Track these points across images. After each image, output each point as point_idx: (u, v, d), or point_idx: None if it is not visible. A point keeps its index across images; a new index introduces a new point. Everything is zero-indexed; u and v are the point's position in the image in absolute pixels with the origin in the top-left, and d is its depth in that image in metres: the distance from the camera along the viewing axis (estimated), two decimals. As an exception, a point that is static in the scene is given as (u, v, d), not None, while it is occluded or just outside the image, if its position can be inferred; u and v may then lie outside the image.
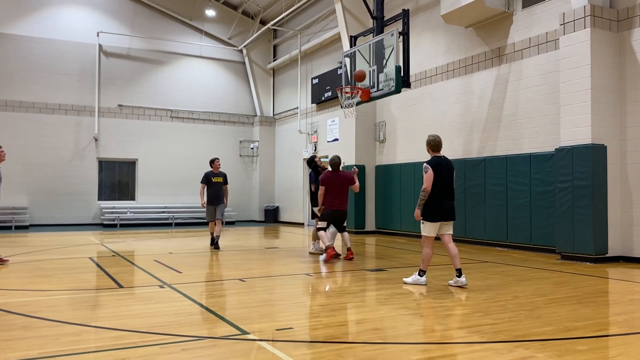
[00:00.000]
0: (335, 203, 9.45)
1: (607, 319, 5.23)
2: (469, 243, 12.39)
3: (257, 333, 4.50)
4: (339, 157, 9.67)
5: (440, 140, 7.07)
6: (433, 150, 7.02)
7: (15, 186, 18.25)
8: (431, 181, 6.72)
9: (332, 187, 9.43)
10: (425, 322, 5.05)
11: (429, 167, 6.78)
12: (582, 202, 9.30)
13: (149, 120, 20.64)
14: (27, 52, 18.74)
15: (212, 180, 11.40)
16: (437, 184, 6.77)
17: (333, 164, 9.56)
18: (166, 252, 10.87)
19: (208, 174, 11.49)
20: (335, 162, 9.56)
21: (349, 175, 9.61)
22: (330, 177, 9.49)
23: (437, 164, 6.84)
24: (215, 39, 22.06)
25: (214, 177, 11.43)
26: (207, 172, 11.55)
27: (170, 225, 19.89)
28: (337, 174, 9.53)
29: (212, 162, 11.62)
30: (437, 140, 7.03)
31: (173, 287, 6.75)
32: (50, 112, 19.03)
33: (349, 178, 9.56)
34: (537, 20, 11.09)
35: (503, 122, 11.79)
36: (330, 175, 9.52)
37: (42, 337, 4.40)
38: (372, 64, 10.74)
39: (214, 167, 11.53)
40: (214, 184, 11.38)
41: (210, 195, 11.40)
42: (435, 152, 7.02)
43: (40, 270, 8.29)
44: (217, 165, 11.55)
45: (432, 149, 7.02)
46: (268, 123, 22.63)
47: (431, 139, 7.04)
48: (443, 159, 6.96)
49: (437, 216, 6.81)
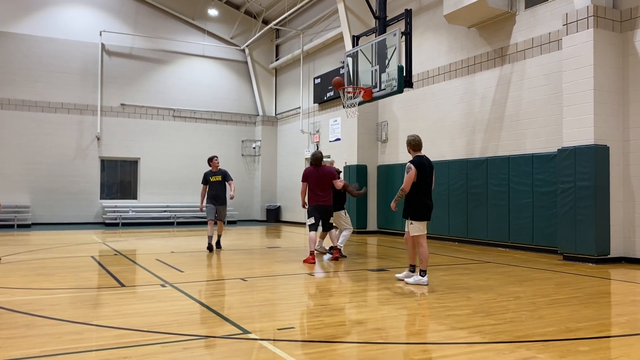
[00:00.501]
0: (317, 198, 9.22)
1: (609, 319, 5.22)
2: (471, 243, 12.37)
3: (258, 332, 4.50)
4: (320, 152, 9.53)
5: (421, 140, 7.18)
6: (414, 150, 7.13)
7: (17, 185, 18.30)
8: (412, 181, 6.86)
9: (314, 182, 9.24)
10: (427, 322, 5.04)
11: (412, 166, 6.89)
12: (585, 203, 9.29)
13: (151, 120, 20.67)
14: (30, 51, 18.78)
15: (211, 180, 10.98)
16: (421, 183, 6.91)
17: (314, 159, 9.39)
18: (168, 251, 10.87)
19: (206, 174, 11.10)
20: (316, 157, 9.39)
21: (330, 170, 9.41)
22: (311, 173, 9.31)
23: (420, 164, 6.95)
24: (218, 38, 22.07)
25: (213, 176, 11.01)
26: (206, 172, 11.16)
27: (172, 224, 19.90)
28: (318, 169, 9.32)
29: (210, 161, 11.21)
30: (417, 140, 7.14)
31: (175, 286, 6.76)
32: (53, 111, 19.06)
33: (330, 173, 9.35)
34: (540, 21, 11.07)
35: (505, 122, 11.78)
36: (312, 170, 9.34)
37: (44, 335, 4.41)
38: (374, 63, 10.73)
39: (212, 166, 11.13)
40: (212, 183, 10.95)
41: (209, 195, 10.98)
42: (417, 151, 7.13)
43: (43, 269, 8.30)
44: (216, 164, 11.13)
45: (413, 148, 7.13)
46: (270, 123, 22.63)
47: (411, 138, 7.14)
48: (425, 159, 7.08)
49: (426, 215, 7.00)
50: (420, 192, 6.95)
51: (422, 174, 6.92)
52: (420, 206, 6.95)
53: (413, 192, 6.94)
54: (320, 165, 9.40)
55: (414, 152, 7.13)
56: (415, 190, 6.92)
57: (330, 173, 9.34)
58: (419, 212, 6.95)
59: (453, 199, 12.91)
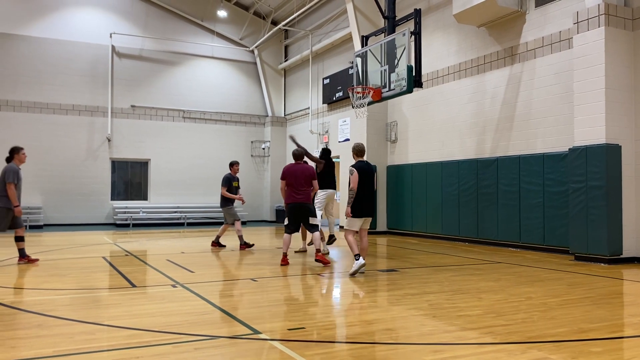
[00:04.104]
0: (292, 196, 8.92)
1: (622, 320, 5.17)
2: (482, 243, 12.31)
3: (269, 333, 4.50)
4: (299, 150, 9.31)
5: (364, 148, 8.29)
6: (357, 155, 8.23)
7: (29, 186, 18.43)
8: (357, 181, 7.87)
9: (292, 179, 8.92)
10: (438, 323, 5.03)
11: (354, 169, 7.91)
12: (597, 203, 9.21)
13: (161, 121, 20.77)
14: (41, 54, 18.95)
15: (233, 185, 11.38)
16: (361, 185, 7.88)
17: (295, 155, 9.18)
18: (178, 252, 10.92)
19: (230, 177, 11.37)
20: (295, 154, 9.20)
21: (309, 168, 9.10)
22: (289, 170, 9.02)
23: (360, 168, 7.98)
24: (227, 39, 22.14)
25: (234, 181, 11.45)
26: (228, 175, 11.38)
27: (183, 225, 19.99)
28: (296, 166, 9.04)
29: (232, 166, 11.54)
30: (360, 147, 8.25)
31: (185, 286, 6.79)
32: (64, 112, 19.21)
33: (309, 171, 9.02)
34: (551, 19, 11.00)
35: (516, 121, 11.71)
36: (290, 167, 9.07)
37: (56, 335, 4.44)
38: (383, 63, 10.72)
39: (233, 171, 11.49)
40: (234, 188, 11.39)
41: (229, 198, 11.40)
42: (359, 157, 8.20)
43: (55, 270, 8.37)
44: (236, 169, 11.55)
45: (357, 154, 8.23)
46: (279, 123, 22.67)
47: (354, 146, 8.29)
48: (365, 163, 8.14)
49: (357, 213, 7.94)
50: (361, 194, 7.91)
51: (363, 177, 7.93)
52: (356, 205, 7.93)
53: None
54: (299, 162, 9.11)
55: (357, 157, 8.20)
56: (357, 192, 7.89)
57: (309, 172, 9.01)
58: (353, 209, 7.93)
59: (463, 199, 12.86)
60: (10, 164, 8.77)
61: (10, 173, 8.60)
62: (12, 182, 8.56)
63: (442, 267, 8.70)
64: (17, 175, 8.68)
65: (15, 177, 8.63)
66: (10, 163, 8.79)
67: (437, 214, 13.75)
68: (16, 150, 8.91)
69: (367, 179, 7.99)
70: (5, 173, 8.61)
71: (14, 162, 8.82)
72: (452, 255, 10.51)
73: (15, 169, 8.70)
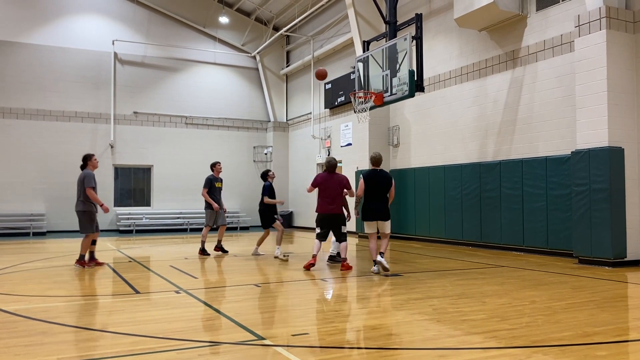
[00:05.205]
0: (323, 206, 8.95)
1: (627, 323, 5.15)
2: (485, 247, 12.29)
3: (272, 338, 4.50)
4: (334, 158, 9.28)
5: (379, 157, 8.71)
6: (372, 164, 8.70)
7: (33, 193, 18.52)
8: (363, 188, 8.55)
9: (323, 189, 8.96)
10: (442, 328, 5.01)
11: (362, 177, 8.55)
12: (600, 206, 9.19)
13: (164, 127, 20.82)
14: (44, 61, 19.02)
15: (215, 186, 11.27)
16: (368, 191, 8.48)
17: (329, 165, 9.11)
18: (182, 258, 10.93)
19: (212, 179, 11.31)
20: (330, 163, 9.11)
21: (343, 178, 9.12)
22: (322, 179, 9.04)
23: (368, 175, 8.56)
24: (229, 45, 22.21)
25: (217, 181, 11.33)
26: (210, 177, 11.34)
27: (186, 230, 20.00)
28: (331, 176, 9.02)
29: (213, 166, 11.48)
30: (374, 156, 8.70)
31: (189, 292, 6.79)
32: (67, 119, 19.28)
33: (343, 182, 9.05)
34: (552, 23, 11.01)
35: (518, 125, 11.71)
36: (324, 176, 9.07)
37: (60, 342, 4.45)
38: (385, 68, 10.74)
39: (216, 171, 11.40)
40: (216, 189, 11.28)
41: (213, 200, 11.25)
42: (374, 166, 8.66)
43: (59, 276, 8.38)
44: (219, 169, 11.43)
45: (372, 163, 8.72)
46: (282, 128, 22.70)
47: (371, 155, 8.81)
48: (376, 172, 8.62)
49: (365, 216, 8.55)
50: (367, 198, 8.47)
51: (370, 184, 8.46)
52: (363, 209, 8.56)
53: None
54: (333, 173, 9.10)
55: (371, 166, 8.71)
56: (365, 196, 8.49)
57: (342, 182, 9.05)
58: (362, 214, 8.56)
59: (466, 203, 12.84)
60: (85, 170, 9.38)
61: (90, 178, 9.25)
62: (91, 186, 9.21)
63: (445, 272, 8.69)
64: (94, 179, 9.35)
65: (93, 181, 9.30)
66: (85, 169, 9.38)
67: (440, 218, 13.73)
68: (88, 157, 9.55)
69: (377, 185, 8.46)
70: (85, 178, 9.22)
71: (88, 168, 9.42)
72: (455, 259, 10.49)
73: (92, 174, 9.35)
